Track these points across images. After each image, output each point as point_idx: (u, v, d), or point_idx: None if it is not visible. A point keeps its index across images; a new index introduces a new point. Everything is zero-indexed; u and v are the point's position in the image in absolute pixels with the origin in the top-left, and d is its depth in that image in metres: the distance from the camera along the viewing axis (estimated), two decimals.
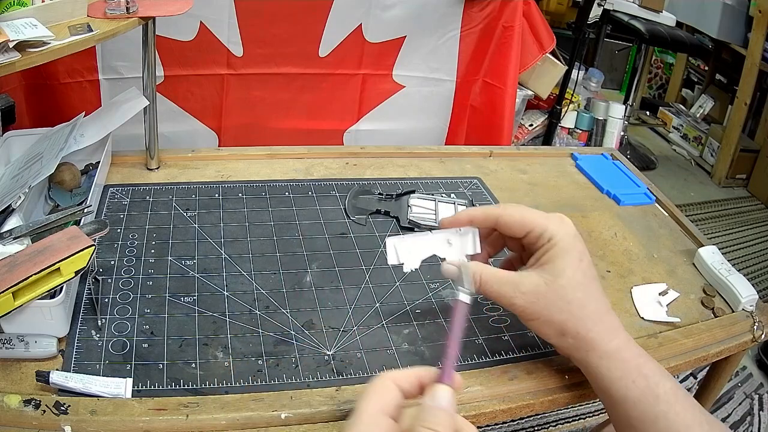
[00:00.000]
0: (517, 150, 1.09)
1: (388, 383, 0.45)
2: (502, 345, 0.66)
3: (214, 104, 1.36)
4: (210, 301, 0.66)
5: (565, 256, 0.57)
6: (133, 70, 1.23)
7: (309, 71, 1.39)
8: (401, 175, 0.95)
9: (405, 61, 1.46)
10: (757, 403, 1.42)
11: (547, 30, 1.61)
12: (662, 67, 3.34)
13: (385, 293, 0.71)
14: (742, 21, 2.56)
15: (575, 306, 0.56)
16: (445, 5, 1.42)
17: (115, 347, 0.59)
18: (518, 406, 0.60)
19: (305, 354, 0.61)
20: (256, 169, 0.92)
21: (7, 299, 0.52)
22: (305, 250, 0.76)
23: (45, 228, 0.66)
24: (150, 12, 0.77)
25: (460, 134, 1.61)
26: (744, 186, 2.66)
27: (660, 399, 0.54)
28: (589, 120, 2.37)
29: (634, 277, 0.79)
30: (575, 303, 0.56)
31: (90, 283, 0.65)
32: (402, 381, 0.45)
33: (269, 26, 1.30)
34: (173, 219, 0.78)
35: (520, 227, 0.60)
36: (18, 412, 0.50)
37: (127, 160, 0.90)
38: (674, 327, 0.72)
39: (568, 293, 0.56)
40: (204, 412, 0.53)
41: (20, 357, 0.56)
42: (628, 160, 1.08)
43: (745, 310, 0.75)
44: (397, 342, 0.64)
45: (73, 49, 0.68)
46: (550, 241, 0.58)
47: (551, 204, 0.93)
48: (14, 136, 0.82)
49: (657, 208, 0.97)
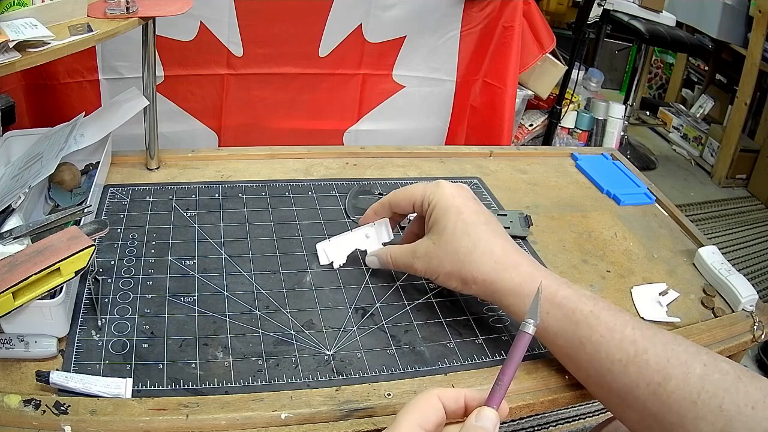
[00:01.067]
0: (517, 150, 1.09)
1: (432, 398, 0.44)
2: (502, 345, 0.66)
3: (214, 104, 1.36)
4: (210, 301, 0.66)
5: (444, 214, 0.62)
6: (133, 70, 1.23)
7: (309, 71, 1.39)
8: (401, 175, 0.95)
9: (405, 61, 1.46)
10: None
11: (547, 30, 1.61)
12: (662, 67, 3.34)
13: (385, 293, 0.71)
14: (742, 21, 2.56)
15: (462, 254, 0.60)
16: (445, 5, 1.42)
17: (115, 347, 0.59)
18: (518, 406, 0.60)
19: (305, 354, 0.61)
20: (256, 169, 0.92)
21: (7, 299, 0.52)
22: (305, 250, 0.76)
23: (45, 228, 0.66)
24: (150, 12, 0.77)
25: (460, 134, 1.61)
26: (744, 186, 2.66)
27: (580, 324, 0.54)
28: (589, 120, 2.37)
29: (634, 277, 0.79)
30: (462, 251, 0.60)
31: (90, 283, 0.64)
32: (447, 398, 0.44)
33: (269, 26, 1.30)
34: (173, 219, 0.78)
35: (407, 203, 0.67)
36: (18, 412, 0.50)
37: (127, 160, 0.90)
38: (674, 327, 0.72)
39: (452, 244, 0.60)
40: (204, 412, 0.53)
41: (20, 357, 0.56)
42: (628, 160, 1.08)
43: (745, 310, 0.75)
44: (397, 342, 0.64)
45: (73, 49, 0.68)
46: (430, 205, 0.64)
47: (551, 204, 0.93)
48: (14, 136, 0.82)
49: (657, 208, 0.97)
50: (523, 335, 0.45)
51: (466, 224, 0.61)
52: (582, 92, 2.41)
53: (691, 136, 2.90)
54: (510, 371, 0.44)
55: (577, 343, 0.54)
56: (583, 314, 0.54)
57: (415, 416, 0.43)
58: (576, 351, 0.55)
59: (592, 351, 0.53)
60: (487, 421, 0.42)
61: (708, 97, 3.01)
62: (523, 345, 0.45)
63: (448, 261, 0.61)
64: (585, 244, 0.85)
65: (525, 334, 0.45)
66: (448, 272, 0.61)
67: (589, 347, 0.54)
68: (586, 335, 0.54)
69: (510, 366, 0.44)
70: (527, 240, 0.84)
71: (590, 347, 0.53)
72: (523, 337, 0.45)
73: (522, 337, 0.45)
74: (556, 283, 0.58)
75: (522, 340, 0.45)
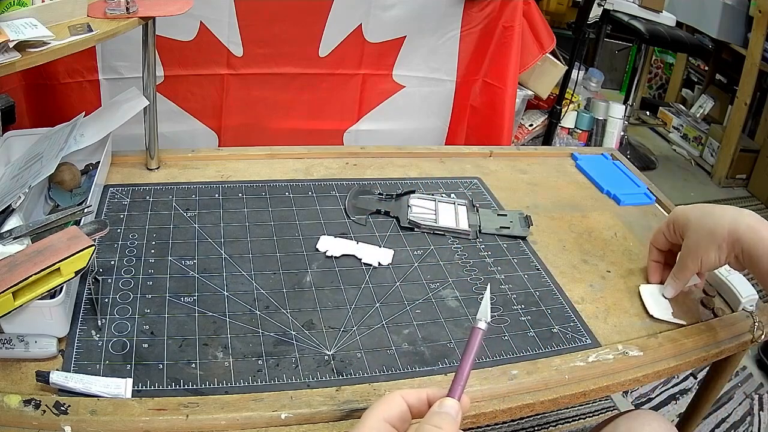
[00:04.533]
0: (517, 150, 1.09)
1: (395, 396, 0.46)
2: (502, 345, 0.66)
3: (214, 104, 1.36)
4: (210, 301, 0.66)
5: (683, 218, 0.72)
6: (133, 70, 1.23)
7: (309, 71, 1.39)
8: (401, 175, 0.95)
9: (405, 61, 1.46)
10: (757, 403, 1.41)
11: (547, 30, 1.61)
12: (662, 67, 3.33)
13: (385, 293, 0.71)
14: (742, 21, 2.56)
15: (708, 227, 0.68)
16: (445, 5, 1.41)
17: (115, 347, 0.59)
18: (518, 406, 0.60)
19: (305, 354, 0.61)
20: (257, 169, 0.92)
21: (7, 299, 0.52)
22: (305, 250, 0.76)
23: (45, 228, 0.66)
24: (150, 12, 0.77)
25: (460, 134, 1.61)
26: (744, 186, 2.66)
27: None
28: (589, 120, 2.37)
29: (634, 277, 0.79)
30: (707, 225, 0.68)
31: (90, 283, 0.64)
32: (410, 397, 0.46)
33: (269, 26, 1.30)
34: (173, 219, 0.78)
35: (662, 237, 0.77)
36: (18, 412, 0.50)
37: (127, 160, 0.90)
38: (675, 327, 0.72)
39: (699, 228, 0.69)
40: (204, 412, 0.53)
41: (20, 357, 0.56)
42: (628, 160, 1.08)
43: (745, 310, 0.75)
44: (397, 342, 0.64)
45: (73, 49, 0.68)
46: (674, 225, 0.74)
47: (551, 204, 0.93)
48: (14, 136, 0.82)
49: (657, 208, 0.97)
50: (477, 331, 0.47)
51: (696, 210, 0.70)
52: (582, 92, 2.41)
53: (691, 136, 2.90)
54: (466, 365, 0.46)
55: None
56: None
57: (378, 411, 0.44)
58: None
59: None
60: (450, 409, 0.44)
61: (708, 97, 3.01)
62: (477, 341, 0.47)
63: (703, 241, 0.68)
64: (585, 244, 0.85)
65: (478, 329, 0.47)
66: (707, 247, 0.67)
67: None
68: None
69: (466, 361, 0.46)
70: (527, 240, 0.84)
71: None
72: (477, 332, 0.47)
73: (477, 334, 0.47)
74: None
75: (476, 336, 0.47)
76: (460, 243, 0.81)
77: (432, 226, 0.83)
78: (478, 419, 0.59)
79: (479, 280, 0.75)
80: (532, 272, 0.78)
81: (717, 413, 1.36)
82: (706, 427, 1.32)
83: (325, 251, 0.76)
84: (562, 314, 0.72)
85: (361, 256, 0.76)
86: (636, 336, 0.70)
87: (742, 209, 0.67)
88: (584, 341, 0.68)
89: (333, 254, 0.75)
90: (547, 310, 0.72)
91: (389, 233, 0.81)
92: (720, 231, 0.66)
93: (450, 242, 0.81)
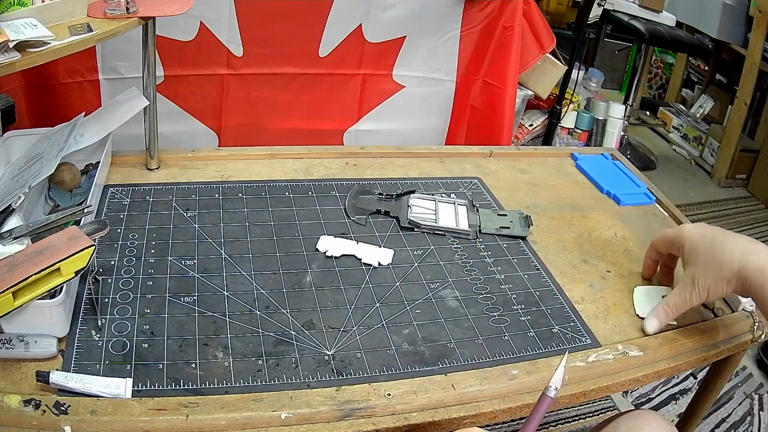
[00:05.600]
0: (517, 150, 1.09)
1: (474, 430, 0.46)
2: (502, 345, 0.66)
3: (214, 104, 1.36)
4: (210, 301, 0.66)
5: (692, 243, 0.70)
6: (133, 70, 1.23)
7: (309, 71, 1.39)
8: (401, 175, 0.95)
9: (405, 61, 1.46)
10: (757, 403, 1.41)
11: (547, 30, 1.61)
12: (662, 67, 3.33)
13: (385, 293, 0.71)
14: (742, 21, 2.56)
15: (716, 259, 0.66)
16: (445, 5, 1.41)
17: (115, 347, 0.59)
18: (518, 406, 0.60)
19: (305, 354, 0.61)
20: (256, 169, 0.92)
21: (7, 299, 0.52)
22: (305, 250, 0.76)
23: (45, 228, 0.66)
24: (150, 12, 0.77)
25: (460, 134, 1.61)
26: (744, 186, 2.66)
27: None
28: (589, 120, 2.37)
29: (634, 278, 0.79)
30: (716, 256, 0.66)
31: (90, 283, 0.64)
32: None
33: (269, 26, 1.30)
34: (173, 219, 0.78)
35: (664, 246, 0.76)
36: (18, 412, 0.50)
37: (127, 160, 0.90)
38: (674, 327, 0.72)
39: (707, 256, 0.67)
40: (204, 412, 0.53)
41: (20, 357, 0.56)
42: (628, 160, 1.08)
43: (745, 310, 0.75)
44: (397, 342, 0.64)
45: (73, 49, 0.68)
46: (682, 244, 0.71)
47: (551, 204, 0.93)
48: (14, 136, 0.82)
49: (657, 208, 0.97)
50: (546, 399, 0.47)
51: (706, 241, 0.67)
52: (582, 92, 2.41)
53: (691, 136, 2.90)
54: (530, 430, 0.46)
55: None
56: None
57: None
58: None
59: None
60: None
61: (708, 97, 3.01)
62: (544, 408, 0.47)
63: (710, 273, 0.66)
64: (585, 244, 0.85)
65: (547, 397, 0.47)
66: (714, 282, 0.65)
67: None
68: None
69: (531, 427, 0.46)
70: (527, 240, 0.84)
71: None
72: (545, 399, 0.47)
73: (545, 402, 0.47)
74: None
75: (544, 403, 0.47)
76: (460, 243, 0.81)
77: (432, 226, 0.83)
78: (478, 419, 0.59)
79: (479, 280, 0.75)
80: (532, 272, 0.78)
81: (717, 413, 1.36)
82: (706, 427, 1.32)
83: (325, 251, 0.76)
84: (562, 314, 0.72)
85: (361, 256, 0.76)
86: (636, 336, 0.70)
87: (756, 243, 0.64)
88: (584, 341, 0.68)
89: (333, 254, 0.75)
90: (547, 310, 0.72)
91: (389, 233, 0.81)
92: (728, 267, 0.64)
93: (450, 242, 0.81)
